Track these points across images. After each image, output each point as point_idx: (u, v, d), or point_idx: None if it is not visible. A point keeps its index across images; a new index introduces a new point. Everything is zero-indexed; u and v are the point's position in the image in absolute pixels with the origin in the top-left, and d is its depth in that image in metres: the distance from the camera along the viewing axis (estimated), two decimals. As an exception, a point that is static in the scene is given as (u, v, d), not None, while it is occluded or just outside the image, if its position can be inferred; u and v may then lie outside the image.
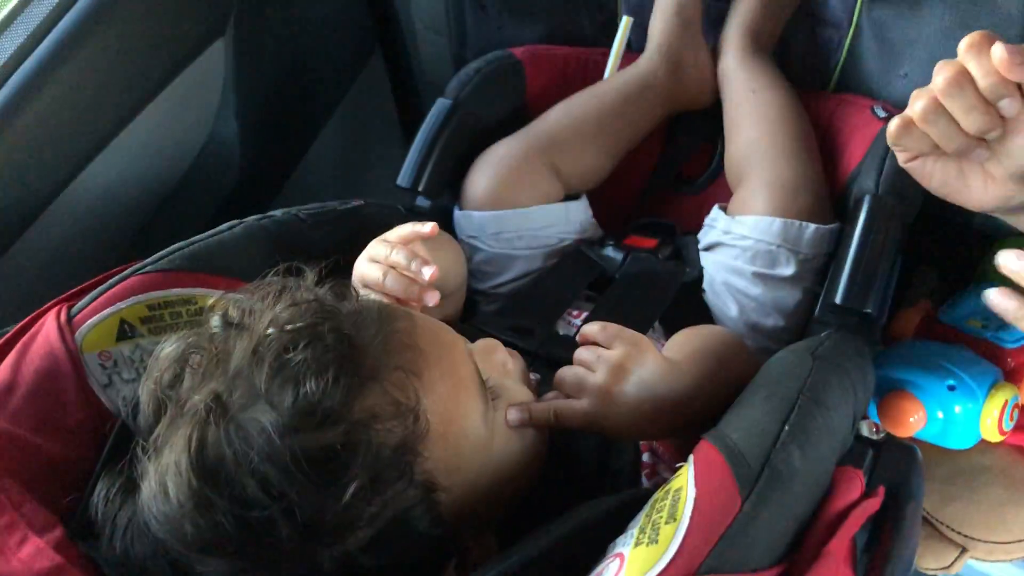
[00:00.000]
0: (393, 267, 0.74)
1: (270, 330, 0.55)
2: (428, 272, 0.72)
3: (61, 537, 0.55)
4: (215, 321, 0.58)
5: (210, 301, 0.62)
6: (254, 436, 0.52)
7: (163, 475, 0.52)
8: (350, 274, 0.78)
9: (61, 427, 0.62)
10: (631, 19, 1.09)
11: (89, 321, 0.67)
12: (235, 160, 1.17)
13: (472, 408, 0.60)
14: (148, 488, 0.53)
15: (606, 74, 1.10)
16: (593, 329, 0.69)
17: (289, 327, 0.55)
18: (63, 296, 0.71)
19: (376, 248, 0.77)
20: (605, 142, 1.05)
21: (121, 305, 0.68)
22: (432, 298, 0.73)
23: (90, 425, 0.63)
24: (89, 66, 0.92)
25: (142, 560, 0.54)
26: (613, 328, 0.69)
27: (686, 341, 0.78)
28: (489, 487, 0.60)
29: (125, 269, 0.72)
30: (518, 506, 0.64)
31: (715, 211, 0.98)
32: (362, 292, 0.66)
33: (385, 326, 0.58)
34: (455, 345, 0.62)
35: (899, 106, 0.98)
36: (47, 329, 0.66)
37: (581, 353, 0.69)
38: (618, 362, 0.67)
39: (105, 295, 0.69)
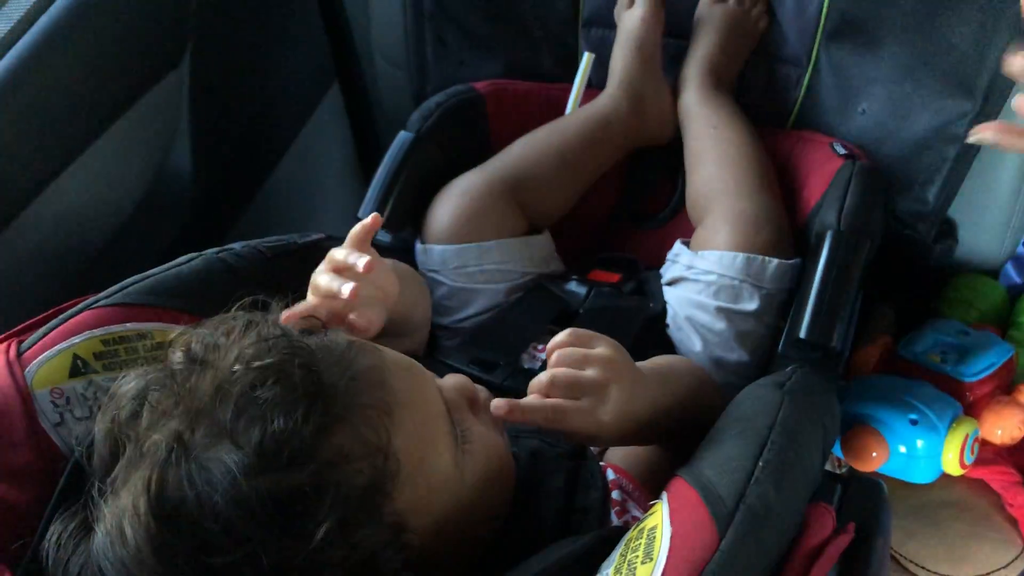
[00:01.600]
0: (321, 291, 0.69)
1: (236, 366, 0.53)
2: (348, 289, 0.65)
3: None
4: (177, 356, 0.56)
5: (170, 335, 0.60)
6: (218, 477, 0.50)
7: (120, 518, 0.50)
8: None
9: (8, 468, 0.59)
10: (593, 56, 1.09)
11: (40, 357, 0.64)
12: (189, 191, 1.15)
13: (442, 447, 0.59)
14: (104, 532, 0.51)
15: (568, 110, 1.10)
16: (565, 336, 0.68)
17: (256, 363, 0.53)
18: (12, 331, 0.68)
19: (315, 273, 0.72)
20: (568, 176, 1.05)
21: (74, 340, 0.65)
22: (359, 319, 0.66)
23: (40, 466, 0.60)
24: (42, 94, 0.90)
25: None
26: (586, 332, 0.69)
27: (653, 360, 0.78)
28: (459, 527, 0.59)
29: (78, 303, 0.70)
30: (487, 545, 0.62)
31: (678, 246, 0.98)
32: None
33: (354, 363, 0.56)
34: (425, 383, 0.61)
35: (858, 142, 0.99)
36: (-5, 366, 0.63)
37: (564, 354, 0.67)
38: (610, 357, 0.66)
39: (57, 330, 0.66)
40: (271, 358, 0.54)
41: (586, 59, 1.09)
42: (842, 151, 0.97)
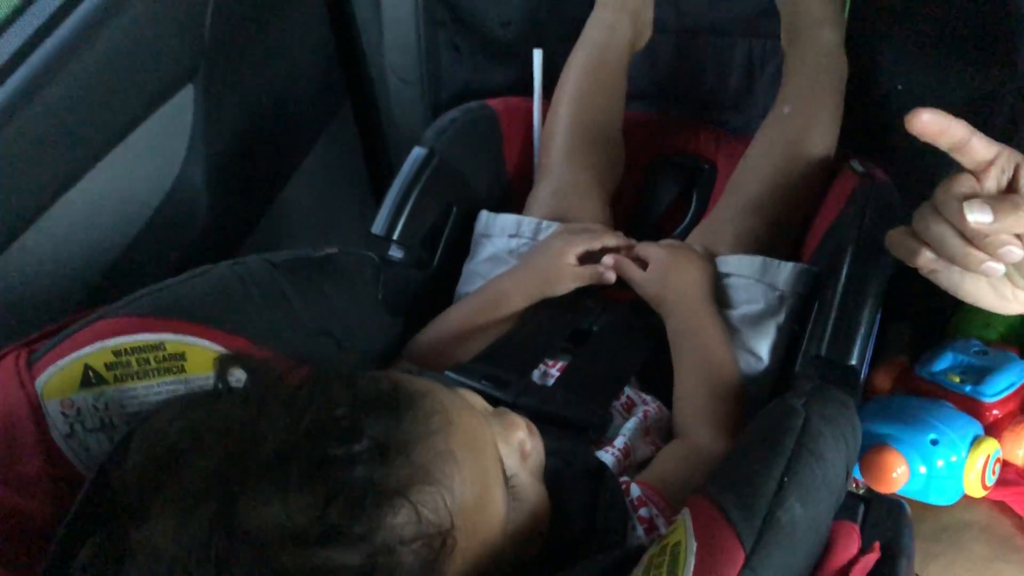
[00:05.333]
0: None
1: (305, 417, 0.50)
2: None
3: None
4: (230, 391, 0.54)
5: (184, 348, 0.58)
6: (265, 542, 0.47)
7: (152, 558, 0.47)
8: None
9: (18, 478, 0.58)
10: (540, 51, 1.09)
11: (51, 367, 0.63)
12: (201, 207, 1.14)
13: (495, 514, 0.56)
14: (136, 567, 0.48)
15: (535, 115, 1.09)
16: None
17: (335, 413, 0.51)
18: (22, 341, 0.67)
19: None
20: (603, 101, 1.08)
21: (86, 350, 0.64)
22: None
23: (50, 477, 0.59)
24: (56, 105, 0.89)
25: None
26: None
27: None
28: (490, 570, 0.56)
29: (90, 314, 0.69)
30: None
31: None
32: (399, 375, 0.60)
33: (422, 425, 0.53)
34: (486, 445, 0.58)
35: (894, 121, 0.98)
36: (3, 375, 0.62)
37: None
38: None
39: (68, 340, 0.65)
40: (340, 413, 0.51)
41: (537, 57, 1.09)
42: (860, 169, 0.96)
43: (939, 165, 0.98)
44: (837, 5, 1.00)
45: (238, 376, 0.56)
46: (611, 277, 0.94)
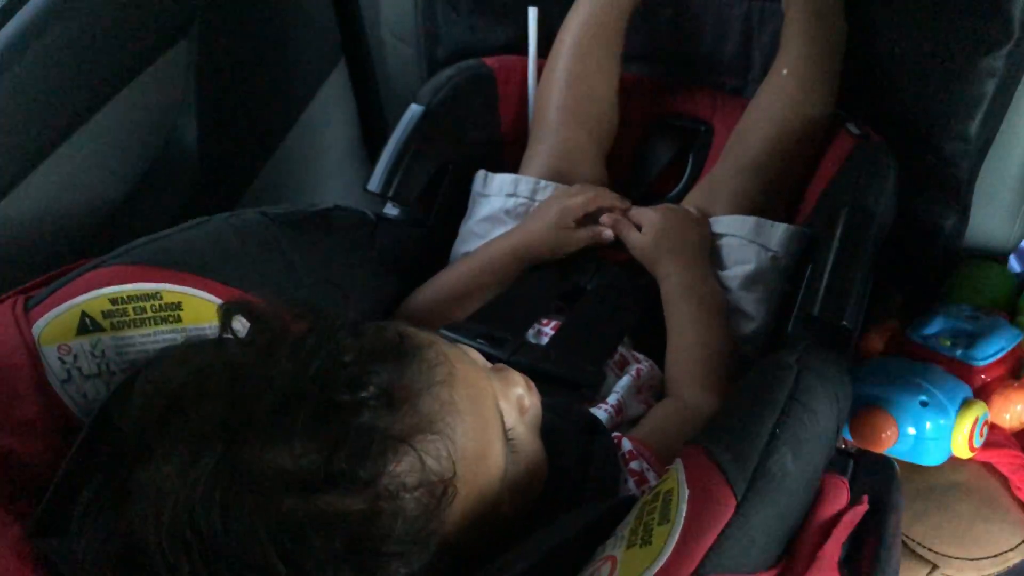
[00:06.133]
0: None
1: (313, 366, 0.50)
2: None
3: (19, 536, 0.51)
4: (235, 338, 0.54)
5: (179, 296, 0.57)
6: (270, 486, 0.47)
7: (158, 496, 0.48)
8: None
9: (15, 421, 0.58)
10: (535, 9, 1.08)
11: (48, 314, 0.63)
12: (195, 163, 1.14)
13: (495, 467, 0.57)
14: (141, 505, 0.48)
15: (530, 78, 1.09)
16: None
17: (341, 360, 0.51)
18: (19, 288, 0.67)
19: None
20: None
21: (83, 297, 0.64)
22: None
23: (46, 420, 0.60)
24: (48, 58, 0.89)
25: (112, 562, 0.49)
26: None
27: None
28: (488, 522, 0.57)
29: (86, 263, 0.69)
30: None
31: None
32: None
33: (427, 376, 0.54)
34: (487, 398, 0.58)
35: (893, 83, 0.99)
36: (1, 320, 0.63)
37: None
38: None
39: (65, 287, 0.65)
40: (350, 358, 0.51)
41: (532, 15, 1.08)
42: (856, 131, 0.96)
43: (935, 128, 0.99)
44: None
45: (242, 323, 0.56)
46: (609, 235, 0.94)
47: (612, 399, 0.80)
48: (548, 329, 0.89)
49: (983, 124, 0.96)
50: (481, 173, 1.04)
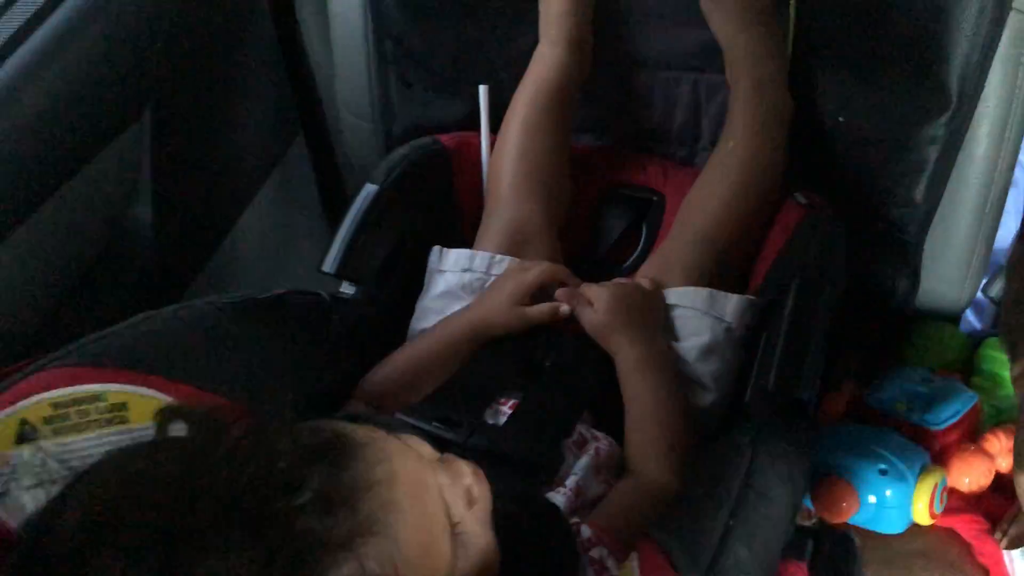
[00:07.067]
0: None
1: (246, 473, 0.49)
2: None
3: None
4: (170, 443, 0.53)
5: (126, 398, 0.57)
6: None
7: None
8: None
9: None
10: (486, 87, 1.09)
11: (-15, 422, 0.62)
12: (150, 245, 1.13)
13: (442, 565, 0.55)
14: None
15: (483, 152, 1.10)
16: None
17: (276, 465, 0.50)
18: (-44, 395, 0.65)
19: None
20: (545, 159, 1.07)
21: (23, 404, 0.63)
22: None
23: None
24: (-2, 147, 0.88)
25: None
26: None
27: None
28: None
29: (29, 364, 0.67)
30: None
31: None
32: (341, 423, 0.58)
33: (366, 476, 0.52)
34: (431, 491, 0.57)
35: (840, 152, 1.02)
36: (-65, 431, 0.61)
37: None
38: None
39: (5, 394, 0.63)
40: (284, 463, 0.50)
41: (482, 93, 1.09)
42: (804, 201, 0.97)
43: (881, 194, 1.01)
44: (779, 41, 1.02)
45: (180, 427, 0.55)
46: (566, 310, 0.94)
47: (571, 481, 0.79)
48: (506, 408, 0.89)
49: (928, 189, 0.98)
50: (436, 249, 1.04)
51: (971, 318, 1.26)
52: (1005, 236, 1.07)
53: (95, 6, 0.99)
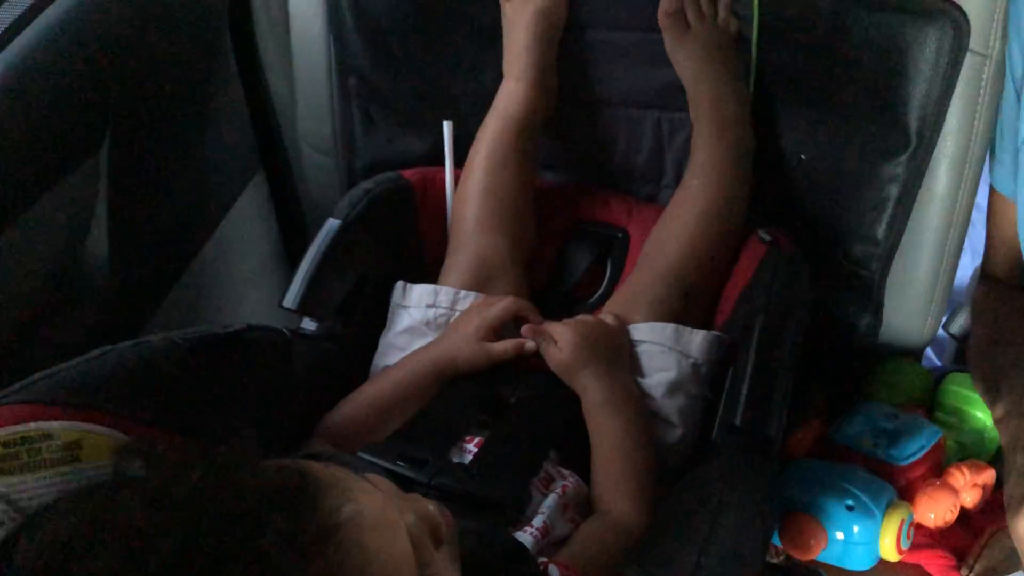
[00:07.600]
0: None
1: (207, 515, 0.47)
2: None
3: None
4: (130, 483, 0.51)
5: (78, 436, 0.55)
6: None
7: None
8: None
9: None
10: (451, 123, 1.10)
11: (-69, 464, 0.59)
12: (106, 280, 1.10)
13: None
14: None
15: (447, 187, 1.10)
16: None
17: (240, 506, 0.48)
18: (-100, 435, 0.63)
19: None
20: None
21: (-30, 444, 0.60)
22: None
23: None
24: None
25: None
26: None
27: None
28: None
29: (-23, 402, 0.65)
30: None
31: None
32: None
33: (331, 517, 0.50)
34: (398, 532, 0.55)
35: (802, 190, 1.03)
36: None
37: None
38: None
39: (-48, 433, 0.61)
40: (250, 501, 0.48)
41: (447, 129, 1.09)
42: (767, 238, 0.98)
43: (844, 231, 1.02)
44: (740, 79, 1.03)
45: (138, 465, 0.53)
46: (532, 346, 0.94)
47: (538, 521, 0.78)
48: (471, 447, 0.87)
49: (889, 227, 0.99)
50: (400, 284, 1.03)
51: (930, 354, 1.27)
52: (962, 274, 1.08)
53: (51, 37, 0.97)
